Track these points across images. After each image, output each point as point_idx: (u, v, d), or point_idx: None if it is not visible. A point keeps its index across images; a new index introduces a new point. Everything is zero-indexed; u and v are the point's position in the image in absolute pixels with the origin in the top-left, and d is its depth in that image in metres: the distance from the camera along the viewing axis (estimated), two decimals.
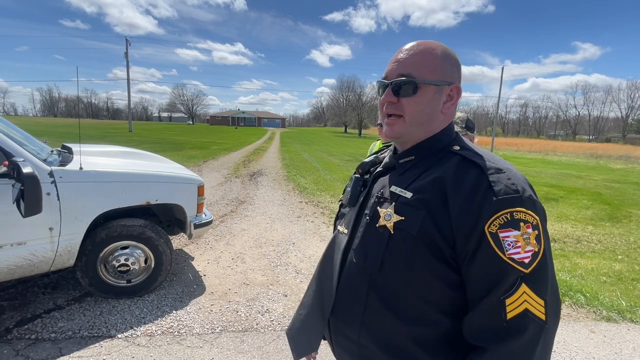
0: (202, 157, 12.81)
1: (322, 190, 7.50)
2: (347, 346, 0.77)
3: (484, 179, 0.64)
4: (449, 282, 0.67)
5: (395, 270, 0.69)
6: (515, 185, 0.64)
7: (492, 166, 0.67)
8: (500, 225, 0.61)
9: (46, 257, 2.35)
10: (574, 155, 27.81)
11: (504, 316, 0.61)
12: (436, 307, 0.68)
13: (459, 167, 0.68)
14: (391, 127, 0.76)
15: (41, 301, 2.63)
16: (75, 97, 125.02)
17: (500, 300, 0.61)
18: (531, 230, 0.62)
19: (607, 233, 5.32)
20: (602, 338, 2.53)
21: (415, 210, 0.68)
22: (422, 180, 0.71)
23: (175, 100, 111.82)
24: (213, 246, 3.96)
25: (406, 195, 0.70)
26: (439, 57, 0.74)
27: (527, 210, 0.62)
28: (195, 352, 2.15)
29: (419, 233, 0.66)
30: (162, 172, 2.96)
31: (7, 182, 2.15)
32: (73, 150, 2.97)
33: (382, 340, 0.71)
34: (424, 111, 0.74)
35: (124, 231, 2.65)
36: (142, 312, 2.56)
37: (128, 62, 33.76)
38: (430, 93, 0.73)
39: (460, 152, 0.72)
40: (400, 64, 0.74)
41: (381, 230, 0.71)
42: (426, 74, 0.72)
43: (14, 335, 2.22)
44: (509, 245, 0.61)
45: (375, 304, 0.71)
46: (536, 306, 0.61)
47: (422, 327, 0.69)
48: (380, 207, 0.74)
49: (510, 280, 0.61)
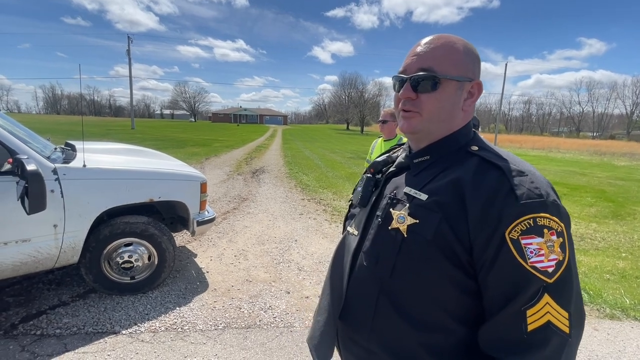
0: (205, 154, 12.83)
1: (324, 187, 7.50)
2: (355, 351, 0.74)
3: (505, 181, 0.61)
4: (465, 289, 0.64)
5: (407, 274, 0.66)
6: (539, 189, 0.60)
7: (514, 168, 0.63)
8: (522, 231, 0.58)
9: (51, 254, 2.37)
10: (577, 153, 27.63)
11: (524, 328, 0.58)
12: (450, 314, 0.65)
13: (478, 168, 0.65)
14: (408, 120, 0.72)
15: (46, 297, 2.65)
16: (78, 95, 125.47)
17: (521, 311, 0.58)
18: (555, 237, 0.58)
19: (610, 230, 5.29)
20: (605, 336, 2.52)
21: (431, 213, 0.64)
22: (439, 182, 0.67)
23: (177, 98, 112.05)
24: (216, 243, 3.97)
25: (421, 197, 0.67)
26: (461, 51, 0.70)
27: (551, 216, 0.58)
28: (199, 349, 2.16)
29: (434, 237, 0.63)
30: (164, 170, 2.97)
31: (11, 180, 2.16)
32: (76, 147, 2.98)
33: (392, 347, 0.68)
34: (444, 108, 0.70)
35: (127, 228, 2.66)
36: (145, 308, 2.58)
37: (130, 59, 33.80)
38: (452, 89, 0.69)
39: (479, 152, 0.68)
40: (420, 58, 0.70)
41: (394, 233, 0.68)
42: (448, 69, 0.68)
43: (19, 331, 2.24)
44: (531, 253, 0.57)
45: (386, 309, 0.68)
46: (560, 318, 0.57)
47: (434, 335, 0.66)
48: (393, 208, 0.71)
49: (532, 290, 0.57)
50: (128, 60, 33.93)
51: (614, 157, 24.48)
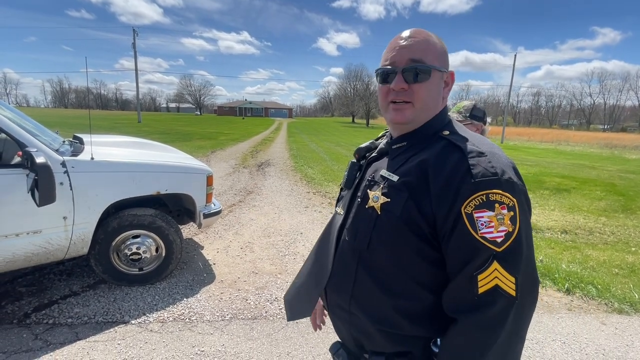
0: (210, 147, 12.88)
1: (329, 180, 7.49)
2: (340, 315, 0.84)
3: (464, 161, 0.67)
4: (430, 260, 0.71)
5: (381, 247, 0.74)
6: (495, 168, 0.66)
7: (475, 149, 0.69)
8: (476, 206, 0.65)
9: (61, 245, 2.41)
10: (587, 146, 27.15)
11: (475, 290, 0.65)
12: (418, 282, 0.73)
13: (443, 150, 0.71)
14: (401, 112, 0.77)
15: (57, 287, 2.71)
16: (85, 88, 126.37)
17: (473, 275, 0.65)
18: (506, 211, 0.64)
19: (620, 225, 5.21)
20: (613, 330, 2.50)
21: (400, 193, 0.72)
22: (410, 164, 0.74)
23: (182, 91, 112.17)
24: (222, 235, 4.01)
25: (393, 179, 0.75)
26: (438, 44, 0.78)
27: (503, 192, 0.65)
28: (206, 339, 2.20)
29: (402, 213, 0.70)
30: (171, 163, 2.98)
31: (21, 172, 2.20)
32: (84, 140, 3.01)
33: (369, 310, 0.77)
34: (432, 97, 0.77)
35: (135, 220, 2.69)
36: (154, 299, 2.62)
37: (136, 52, 33.84)
38: (437, 79, 0.76)
39: (448, 136, 0.74)
40: (409, 50, 0.75)
41: (370, 211, 0.76)
42: (433, 60, 0.75)
43: (32, 320, 2.30)
44: (482, 225, 0.64)
45: (364, 278, 0.77)
46: (507, 283, 0.64)
47: (405, 300, 0.74)
48: (370, 189, 0.79)
49: (482, 258, 0.64)
50: (134, 54, 33.99)
51: (625, 150, 24.01)
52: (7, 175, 2.18)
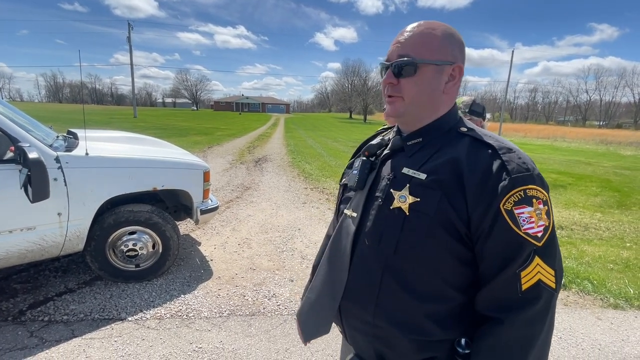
0: (207, 143, 12.79)
1: (327, 176, 7.47)
2: (361, 328, 0.78)
3: (498, 158, 0.67)
4: (463, 260, 0.70)
5: (410, 250, 0.70)
6: (526, 163, 0.67)
7: (503, 146, 0.69)
8: (515, 202, 0.64)
9: (56, 242, 2.38)
10: (583, 142, 27.31)
11: (519, 287, 0.64)
12: (450, 284, 0.71)
13: (472, 147, 0.70)
14: (392, 105, 0.77)
15: (53, 284, 2.68)
16: (79, 83, 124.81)
17: (516, 273, 0.64)
18: (542, 206, 0.65)
19: (615, 220, 5.25)
20: (608, 325, 2.53)
21: (431, 191, 0.69)
22: (436, 161, 0.72)
23: (179, 86, 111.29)
24: (219, 232, 3.99)
25: (420, 177, 0.71)
26: (439, 36, 0.74)
27: (538, 188, 0.66)
28: (204, 335, 2.19)
29: (435, 214, 0.68)
30: (168, 158, 2.95)
31: (14, 168, 2.16)
32: (78, 135, 2.96)
33: (399, 320, 0.73)
34: (423, 91, 0.74)
35: (131, 217, 2.66)
36: (151, 295, 2.61)
37: (131, 47, 33.40)
38: (430, 73, 0.73)
39: (469, 133, 0.74)
40: (400, 46, 0.75)
41: (396, 212, 0.72)
42: (425, 54, 0.73)
43: (27, 317, 2.28)
44: (524, 221, 0.64)
45: (390, 285, 0.73)
46: (548, 276, 0.65)
47: (436, 304, 0.71)
48: (394, 189, 0.74)
49: (525, 254, 0.64)
50: (129, 48, 33.55)
51: (620, 146, 24.17)
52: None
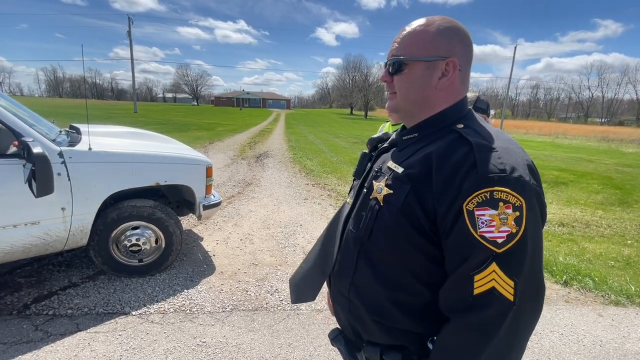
0: (208, 138, 12.78)
1: (328, 172, 7.47)
2: (340, 301, 0.86)
3: (471, 156, 0.64)
4: (429, 256, 0.70)
5: (381, 239, 0.73)
6: (504, 164, 0.63)
7: (485, 144, 0.66)
8: (478, 203, 0.62)
9: (60, 237, 2.39)
10: (585, 139, 27.21)
11: (471, 291, 0.63)
12: (416, 277, 0.72)
13: (452, 143, 0.69)
14: (389, 101, 0.82)
15: (57, 279, 2.70)
16: (80, 77, 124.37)
17: (469, 275, 0.63)
18: (511, 211, 0.61)
19: (617, 218, 5.25)
20: (610, 322, 2.54)
21: (403, 185, 0.71)
22: (416, 156, 0.73)
23: (179, 81, 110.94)
24: (222, 227, 4.00)
25: (398, 170, 0.74)
26: (431, 32, 0.74)
27: (510, 191, 0.61)
28: (208, 330, 2.21)
29: (402, 206, 0.69)
30: (170, 153, 2.95)
31: (17, 162, 2.16)
32: (81, 130, 2.96)
33: (367, 300, 0.78)
34: (412, 88, 0.76)
35: (134, 212, 2.67)
36: (154, 290, 2.62)
37: (131, 41, 33.23)
38: (419, 70, 0.74)
39: (461, 129, 0.71)
40: (395, 45, 0.77)
41: (373, 202, 0.76)
42: (414, 52, 0.74)
43: (32, 310, 2.29)
44: (482, 223, 0.61)
45: (363, 267, 0.78)
46: (504, 286, 0.61)
47: (402, 294, 0.73)
48: (376, 180, 0.79)
49: (480, 258, 0.62)
50: (129, 42, 33.38)
51: (622, 143, 24.10)
52: (3, 166, 2.14)
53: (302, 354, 2.05)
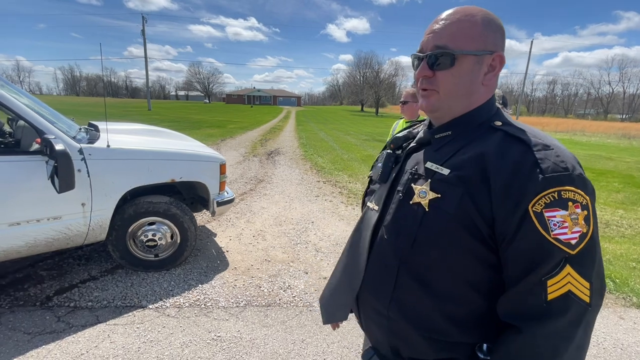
0: (220, 135, 12.91)
1: (339, 169, 7.45)
2: (376, 320, 0.78)
3: (530, 155, 0.61)
4: (484, 262, 0.66)
5: (428, 247, 0.68)
6: (565, 162, 0.61)
7: (539, 142, 0.63)
8: (546, 204, 0.59)
9: (80, 231, 2.46)
10: (604, 136, 26.34)
11: (544, 297, 0.59)
12: (469, 285, 0.67)
13: (502, 143, 0.65)
14: (427, 99, 0.73)
15: (77, 272, 2.78)
16: (96, 76, 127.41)
17: (542, 281, 0.59)
18: (580, 210, 0.59)
19: (639, 217, 5.08)
20: (631, 325, 2.46)
21: (453, 188, 0.65)
22: (461, 157, 0.68)
23: (191, 79, 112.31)
24: (234, 223, 4.04)
25: (443, 172, 0.68)
26: (479, 24, 0.68)
27: (576, 189, 0.59)
28: (222, 325, 2.24)
29: (456, 211, 0.64)
30: (185, 151, 2.99)
31: (40, 159, 2.22)
32: (99, 128, 3.03)
33: (413, 316, 0.71)
34: (461, 84, 0.70)
35: (150, 208, 2.72)
36: (170, 285, 2.67)
37: (145, 40, 33.79)
38: (469, 64, 0.69)
39: (503, 127, 0.68)
40: (435, 35, 0.70)
41: (415, 208, 0.70)
42: (464, 44, 0.68)
43: (54, 302, 2.37)
44: (554, 225, 0.58)
45: (406, 280, 0.71)
46: (580, 288, 0.59)
47: (453, 305, 0.68)
48: (415, 183, 0.72)
49: (554, 261, 0.59)
50: (143, 41, 33.95)
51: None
52: (27, 162, 2.21)
53: (316, 350, 2.06)
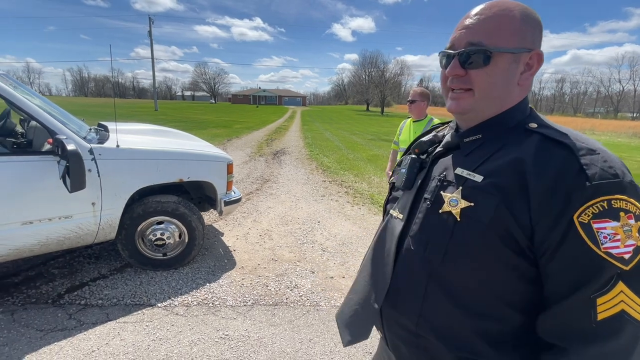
0: (226, 135, 12.98)
1: (345, 169, 7.45)
2: (403, 336, 0.72)
3: (574, 161, 0.56)
4: (522, 275, 0.61)
5: (460, 260, 0.63)
6: (613, 168, 0.55)
7: (583, 146, 0.57)
8: (595, 214, 0.53)
9: (91, 230, 2.49)
10: (614, 135, 25.93)
11: (593, 316, 0.54)
12: (505, 300, 0.63)
13: (541, 147, 0.60)
14: (457, 101, 0.68)
15: (87, 270, 2.83)
16: (103, 77, 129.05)
17: (590, 298, 0.54)
18: (633, 221, 0.53)
19: None
20: None
21: (488, 196, 0.61)
22: (495, 162, 0.63)
23: (197, 79, 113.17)
24: (241, 223, 4.06)
25: (475, 179, 0.63)
26: (518, 19, 0.64)
27: (629, 199, 0.54)
28: (230, 323, 2.26)
29: (491, 221, 0.59)
30: (193, 150, 3.02)
31: (52, 159, 2.26)
32: (109, 128, 3.07)
33: (443, 332, 0.66)
34: (496, 84, 0.65)
35: (158, 207, 2.75)
36: (178, 283, 2.70)
37: (152, 41, 34.12)
38: (505, 63, 0.64)
39: (540, 130, 0.63)
40: (469, 31, 0.65)
41: (445, 217, 0.65)
42: (501, 41, 0.63)
43: (65, 300, 2.41)
44: (604, 238, 0.53)
45: (437, 295, 0.66)
46: (635, 307, 0.53)
47: (488, 321, 0.63)
48: (444, 191, 0.67)
49: (604, 278, 0.53)
50: (150, 42, 34.29)
51: None
52: (39, 162, 2.25)
53: (323, 350, 2.07)
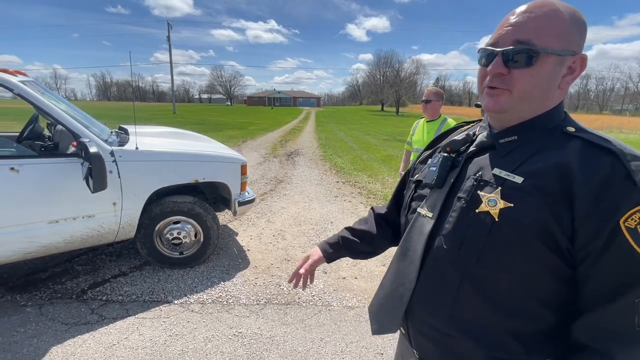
0: (241, 137, 13.20)
1: (359, 170, 7.43)
2: (432, 335, 0.72)
3: (620, 167, 0.56)
4: (559, 275, 0.62)
5: (496, 259, 0.63)
6: None
7: (629, 152, 0.58)
8: None
9: (112, 229, 2.60)
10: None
11: (637, 321, 0.55)
12: (540, 300, 0.63)
13: (586, 152, 0.60)
14: (495, 98, 0.67)
15: (108, 267, 2.95)
16: (125, 82, 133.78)
17: (634, 303, 0.55)
18: None
19: None
20: None
21: (529, 197, 0.61)
22: (535, 165, 0.63)
23: (214, 82, 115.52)
24: (255, 223, 4.13)
25: (515, 180, 0.63)
26: (567, 20, 0.62)
27: None
28: (243, 321, 2.30)
29: (532, 222, 0.60)
30: (208, 152, 3.10)
31: (76, 161, 2.38)
32: (129, 131, 3.19)
33: (475, 331, 0.66)
34: (539, 86, 0.64)
35: (175, 207, 2.84)
36: (193, 281, 2.78)
37: (170, 46, 35.12)
38: (550, 65, 0.63)
39: (579, 134, 0.63)
40: (517, 28, 0.63)
41: (482, 217, 0.64)
42: (549, 41, 0.62)
43: (88, 295, 2.53)
44: None
45: (469, 295, 0.66)
46: None
47: (522, 321, 0.64)
48: (481, 191, 0.67)
49: None
50: (169, 47, 35.29)
51: None
52: (65, 164, 2.37)
53: (334, 349, 2.08)
